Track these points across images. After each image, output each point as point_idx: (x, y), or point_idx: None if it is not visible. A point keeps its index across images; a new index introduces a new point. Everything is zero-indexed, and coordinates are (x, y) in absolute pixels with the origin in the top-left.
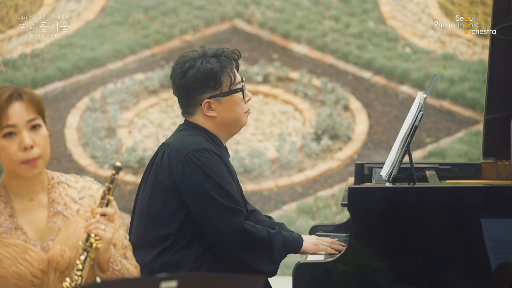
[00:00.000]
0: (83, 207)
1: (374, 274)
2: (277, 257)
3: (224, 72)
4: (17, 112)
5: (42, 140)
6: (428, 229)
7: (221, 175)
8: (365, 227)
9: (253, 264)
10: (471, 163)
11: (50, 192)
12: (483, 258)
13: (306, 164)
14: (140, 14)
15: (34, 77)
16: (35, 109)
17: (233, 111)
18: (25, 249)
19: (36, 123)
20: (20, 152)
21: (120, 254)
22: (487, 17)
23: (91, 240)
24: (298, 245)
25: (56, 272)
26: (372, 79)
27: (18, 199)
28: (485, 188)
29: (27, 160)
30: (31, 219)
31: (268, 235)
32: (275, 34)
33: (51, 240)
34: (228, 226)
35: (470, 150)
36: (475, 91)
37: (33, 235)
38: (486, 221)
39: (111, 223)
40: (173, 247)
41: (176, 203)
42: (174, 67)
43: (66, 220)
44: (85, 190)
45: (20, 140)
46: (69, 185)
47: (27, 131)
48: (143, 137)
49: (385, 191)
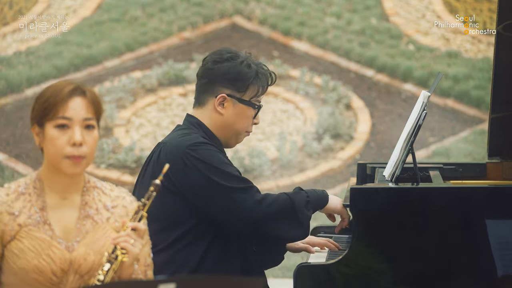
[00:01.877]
0: (114, 216)
1: (376, 276)
2: (303, 219)
3: (256, 83)
4: (76, 107)
5: (92, 141)
6: (431, 230)
7: (221, 162)
8: (368, 228)
9: (281, 233)
10: (476, 163)
11: (84, 195)
12: (487, 260)
13: (307, 164)
14: (137, 11)
15: (29, 75)
16: (94, 110)
17: (240, 120)
18: (49, 245)
19: (91, 123)
20: (68, 147)
21: (141, 271)
22: (492, 14)
23: (117, 253)
24: (325, 200)
25: (76, 275)
26: (374, 77)
27: (52, 195)
28: (490, 188)
29: (73, 156)
30: (61, 217)
31: (288, 198)
32: (275, 31)
33: (77, 241)
34: (245, 206)
35: (474, 149)
36: (480, 89)
37: (60, 232)
38: (491, 222)
39: (140, 239)
40: (173, 247)
41: (173, 201)
42: (214, 51)
43: (95, 225)
44: (119, 199)
45: (71, 135)
46: (104, 192)
47: (80, 128)
48: (140, 137)
49: (388, 191)
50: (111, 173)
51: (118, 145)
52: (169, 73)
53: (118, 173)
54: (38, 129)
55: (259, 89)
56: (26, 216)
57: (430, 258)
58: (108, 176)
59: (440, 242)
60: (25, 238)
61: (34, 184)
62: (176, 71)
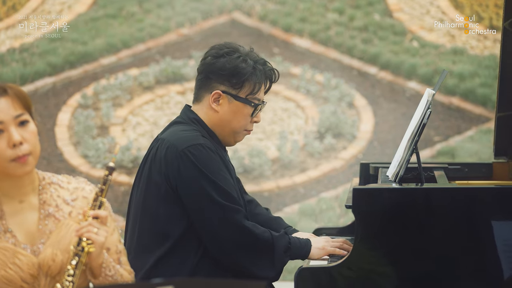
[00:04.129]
0: (75, 209)
1: (380, 279)
2: (278, 263)
3: (251, 80)
4: (3, 108)
5: (31, 136)
6: (436, 232)
7: (218, 172)
8: (371, 230)
9: (252, 268)
10: (481, 163)
11: (41, 193)
12: (494, 262)
13: (309, 164)
14: (134, 7)
15: (23, 72)
16: (21, 104)
17: (235, 118)
18: (14, 253)
19: (23, 119)
20: (9, 150)
21: (113, 259)
22: (498, 10)
23: (83, 244)
24: (306, 251)
25: (47, 277)
26: (378, 74)
27: (8, 201)
28: (497, 189)
29: (17, 157)
30: (21, 221)
31: (271, 238)
32: (276, 27)
33: (42, 243)
34: (226, 226)
35: (480, 149)
36: (486, 87)
37: (23, 238)
38: (498, 223)
39: (104, 226)
40: (171, 249)
41: (170, 200)
42: (214, 46)
43: (57, 222)
44: (78, 191)
45: (9, 137)
46: (61, 186)
47: (15, 127)
48: (137, 136)
49: (391, 192)
50: None
51: (114, 144)
52: (166, 70)
53: (114, 173)
54: None
55: (255, 86)
56: None
57: (435, 260)
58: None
59: (445, 244)
60: None
61: None
62: (174, 69)
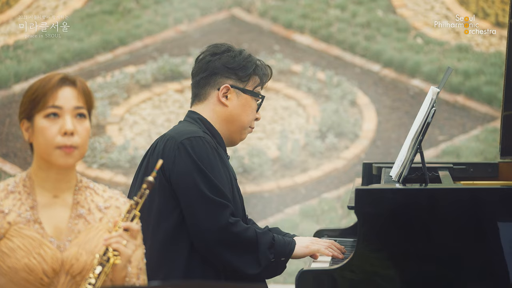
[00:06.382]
0: (107, 216)
1: (383, 281)
2: (262, 259)
3: (257, 73)
4: (67, 96)
5: (83, 131)
6: (441, 233)
7: (212, 166)
8: (374, 231)
9: (235, 264)
10: (487, 163)
11: (76, 194)
12: (500, 264)
13: (310, 163)
14: (131, 3)
15: (17, 69)
16: (85, 100)
17: (245, 111)
18: (40, 243)
19: (82, 112)
20: (59, 136)
21: (133, 274)
22: (504, 6)
23: (109, 255)
24: (290, 249)
25: (68, 275)
26: (381, 72)
27: (43, 193)
28: (503, 189)
29: (64, 146)
30: (52, 215)
31: (255, 235)
32: (276, 24)
33: (69, 241)
34: (211, 220)
35: (486, 148)
36: (491, 85)
37: (51, 231)
38: (504, 224)
39: (133, 240)
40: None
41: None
42: (208, 46)
43: (87, 224)
44: (112, 200)
45: (62, 124)
46: (96, 193)
47: (71, 117)
48: (134, 135)
49: (395, 192)
50: (103, 173)
51: (111, 143)
52: (164, 68)
53: (111, 174)
54: (27, 123)
55: (262, 78)
56: (16, 214)
57: (439, 262)
58: (100, 176)
59: (450, 246)
60: (15, 237)
61: (24, 183)
62: (172, 66)
